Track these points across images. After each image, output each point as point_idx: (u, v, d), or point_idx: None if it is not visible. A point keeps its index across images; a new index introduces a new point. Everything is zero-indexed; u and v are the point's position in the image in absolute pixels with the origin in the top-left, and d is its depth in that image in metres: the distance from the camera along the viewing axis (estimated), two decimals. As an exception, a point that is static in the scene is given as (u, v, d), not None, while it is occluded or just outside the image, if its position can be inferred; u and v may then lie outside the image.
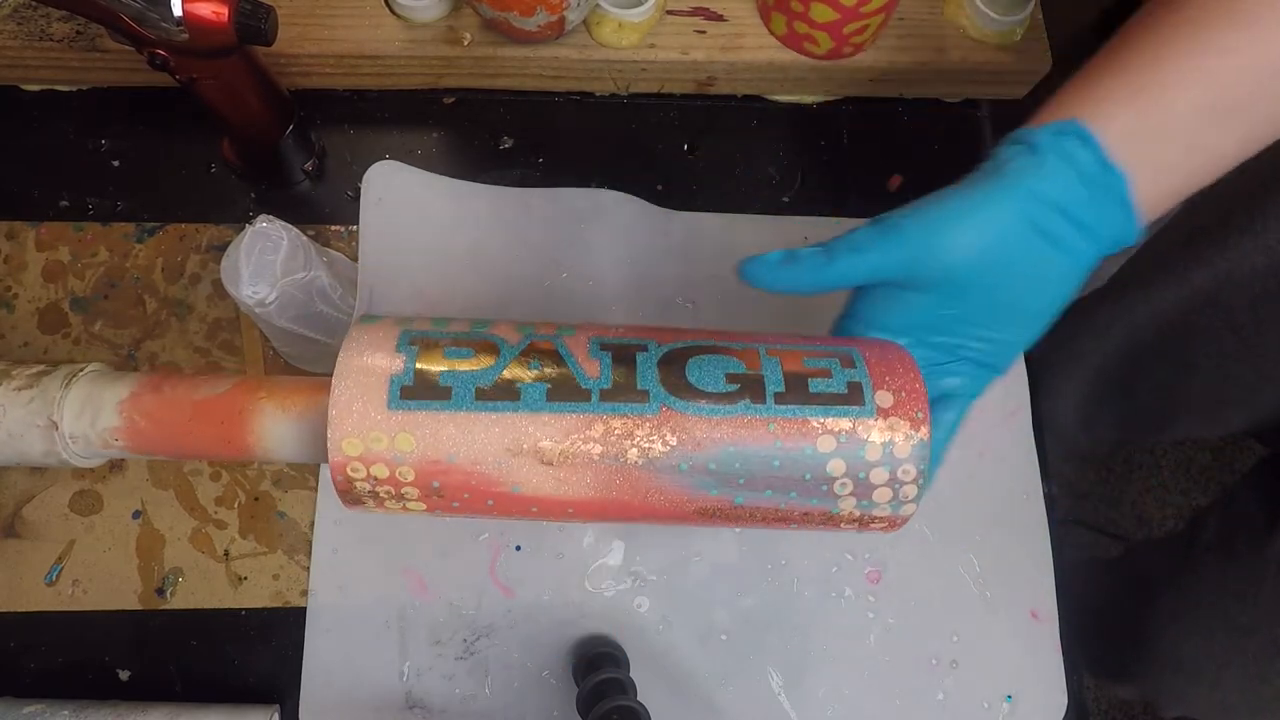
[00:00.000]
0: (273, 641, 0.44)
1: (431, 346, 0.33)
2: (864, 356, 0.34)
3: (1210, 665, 0.57)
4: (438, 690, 0.43)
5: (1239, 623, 0.54)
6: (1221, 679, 0.57)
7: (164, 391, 0.36)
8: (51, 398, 0.36)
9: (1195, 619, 0.58)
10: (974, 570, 0.48)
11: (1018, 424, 0.50)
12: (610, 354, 0.33)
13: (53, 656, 0.43)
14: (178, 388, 0.36)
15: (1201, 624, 0.57)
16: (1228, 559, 0.56)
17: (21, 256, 0.49)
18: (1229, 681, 0.56)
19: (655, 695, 0.40)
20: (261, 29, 0.40)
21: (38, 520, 0.45)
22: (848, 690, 0.45)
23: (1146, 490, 1.09)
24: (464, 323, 0.34)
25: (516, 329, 0.33)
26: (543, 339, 0.33)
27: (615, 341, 0.33)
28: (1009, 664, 0.46)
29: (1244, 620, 0.53)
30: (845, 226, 0.53)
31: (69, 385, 0.36)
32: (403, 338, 0.33)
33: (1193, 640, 0.58)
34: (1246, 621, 0.53)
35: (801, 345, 0.34)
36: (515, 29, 0.48)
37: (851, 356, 0.34)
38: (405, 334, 0.33)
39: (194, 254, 0.50)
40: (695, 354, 0.33)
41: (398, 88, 0.54)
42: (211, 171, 0.51)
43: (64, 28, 0.49)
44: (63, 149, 0.51)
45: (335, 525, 0.45)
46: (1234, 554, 0.55)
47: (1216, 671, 0.57)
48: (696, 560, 0.46)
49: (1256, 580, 0.52)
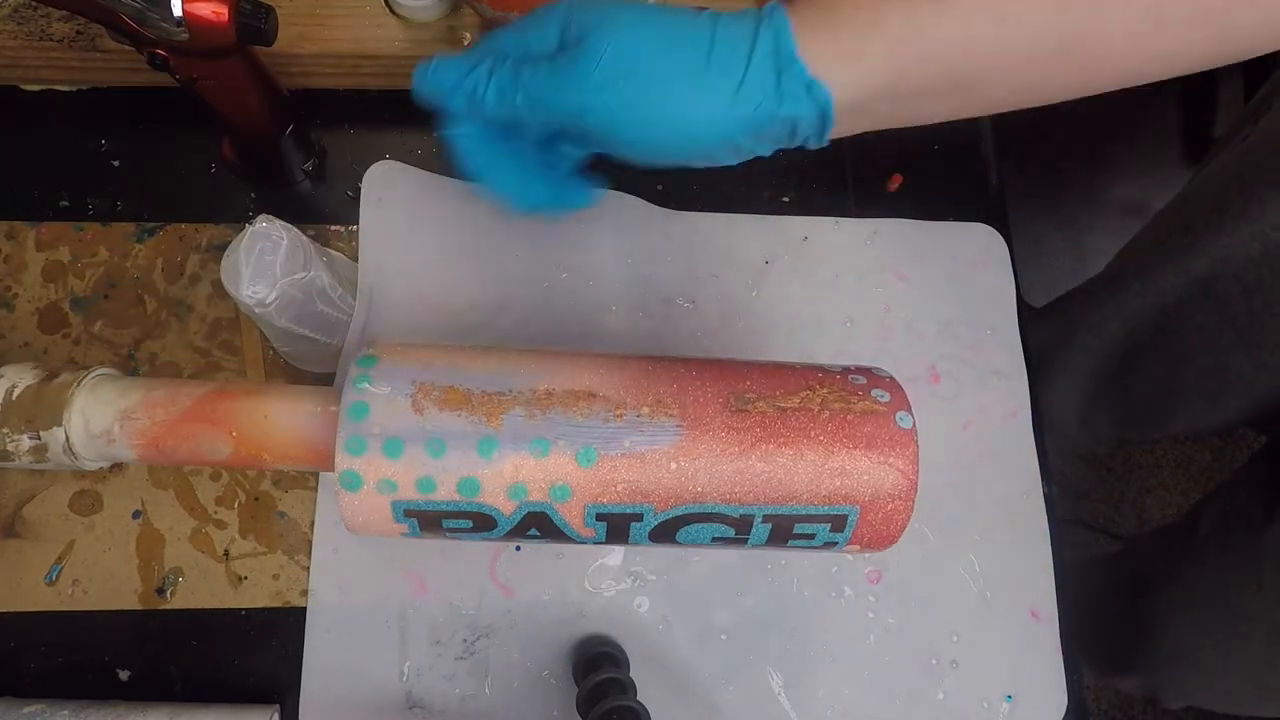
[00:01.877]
0: (273, 641, 0.44)
1: (432, 524, 0.34)
2: (859, 519, 0.34)
3: (1212, 655, 0.57)
4: (438, 690, 0.43)
5: (1240, 612, 0.54)
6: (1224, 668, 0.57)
7: (174, 400, 0.36)
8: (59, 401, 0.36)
9: (1196, 610, 0.58)
10: (974, 570, 0.48)
11: (1018, 424, 0.50)
12: (605, 525, 0.34)
13: (52, 656, 0.43)
14: (181, 394, 0.37)
15: (1202, 614, 0.57)
16: (1227, 549, 0.56)
17: (21, 256, 0.49)
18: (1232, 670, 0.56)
19: (655, 695, 0.40)
20: (262, 29, 0.40)
21: (37, 520, 0.45)
22: (848, 690, 0.45)
23: (1146, 490, 1.09)
24: (451, 484, 0.33)
25: (507, 493, 0.33)
26: (537, 508, 0.34)
27: (611, 511, 0.34)
28: (1009, 664, 0.46)
29: (1245, 609, 0.53)
30: (845, 226, 0.53)
31: (76, 389, 0.36)
32: (396, 508, 0.34)
33: (1194, 631, 0.58)
34: (1247, 610, 0.53)
35: (801, 509, 0.34)
36: (515, 29, 0.48)
37: (845, 520, 0.34)
38: (398, 505, 0.34)
39: (194, 254, 0.50)
40: (689, 522, 0.34)
41: (398, 88, 0.53)
42: (211, 171, 0.51)
43: (64, 28, 0.49)
44: (62, 149, 0.51)
45: (335, 525, 0.45)
46: (1233, 543, 0.55)
47: (1219, 661, 0.57)
48: (696, 560, 0.46)
49: (1256, 569, 0.52)
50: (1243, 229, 0.50)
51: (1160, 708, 0.97)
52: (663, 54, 0.31)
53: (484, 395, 0.33)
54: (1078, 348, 0.68)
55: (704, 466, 0.33)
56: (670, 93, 0.31)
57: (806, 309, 0.51)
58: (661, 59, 0.31)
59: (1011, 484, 0.49)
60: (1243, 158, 0.53)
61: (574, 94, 0.32)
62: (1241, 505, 0.56)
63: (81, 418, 0.36)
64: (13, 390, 0.37)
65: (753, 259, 0.52)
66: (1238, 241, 0.51)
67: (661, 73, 0.31)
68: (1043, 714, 0.46)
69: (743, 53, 0.31)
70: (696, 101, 0.31)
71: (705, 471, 0.33)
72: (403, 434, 0.32)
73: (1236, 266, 0.51)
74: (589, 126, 0.33)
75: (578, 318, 0.49)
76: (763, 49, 0.30)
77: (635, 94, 0.32)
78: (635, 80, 0.31)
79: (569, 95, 0.33)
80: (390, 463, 0.33)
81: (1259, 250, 0.50)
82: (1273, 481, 0.54)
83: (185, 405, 0.36)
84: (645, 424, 0.33)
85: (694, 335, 0.50)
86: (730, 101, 0.31)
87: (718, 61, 0.31)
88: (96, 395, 0.37)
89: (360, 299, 0.46)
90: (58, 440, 0.36)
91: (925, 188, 0.55)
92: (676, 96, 0.31)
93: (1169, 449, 1.11)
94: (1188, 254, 0.55)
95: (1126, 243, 0.70)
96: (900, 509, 0.34)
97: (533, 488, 0.33)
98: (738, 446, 0.33)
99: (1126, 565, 0.73)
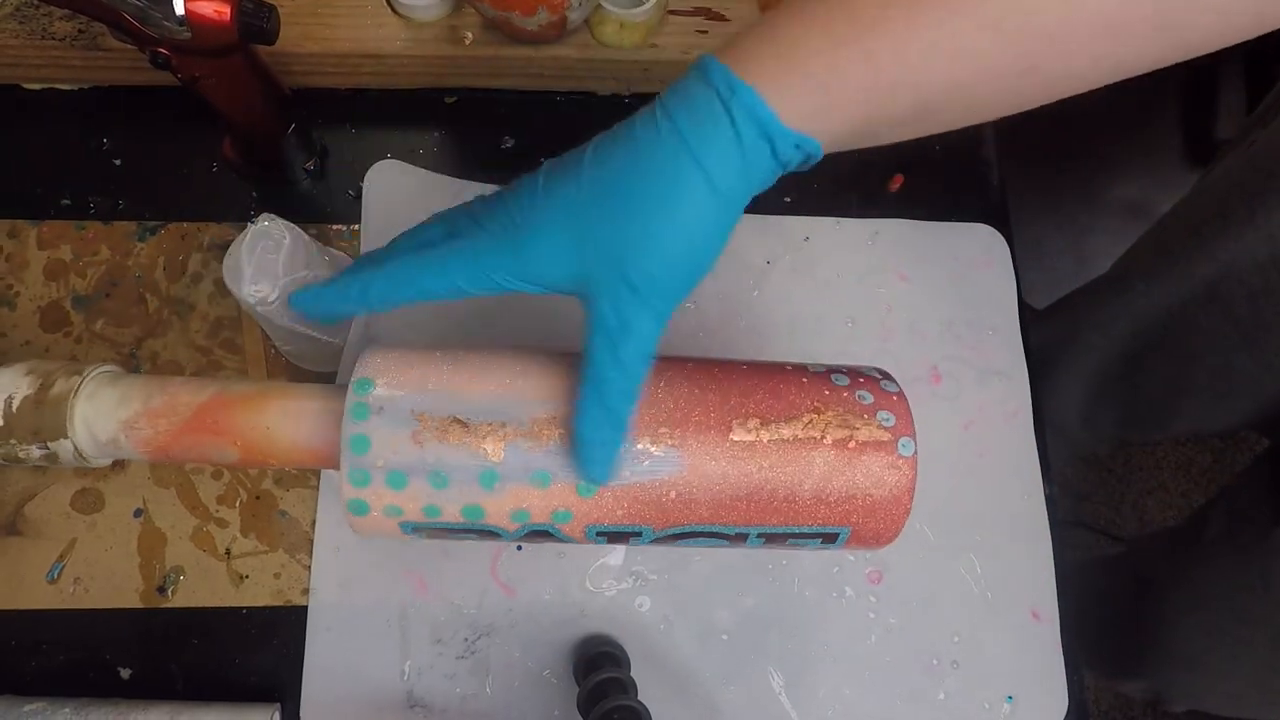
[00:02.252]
0: (274, 640, 0.44)
1: (438, 534, 0.35)
2: (850, 536, 0.35)
3: (1217, 658, 0.57)
4: (439, 689, 0.43)
5: (1244, 615, 0.54)
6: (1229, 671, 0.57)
7: (174, 409, 0.36)
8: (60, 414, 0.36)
9: (1201, 612, 0.58)
10: (975, 570, 0.48)
11: (1018, 424, 0.50)
12: (606, 538, 0.35)
13: (54, 654, 0.43)
14: (179, 403, 0.37)
15: (1207, 617, 0.57)
16: (1233, 551, 0.56)
17: (23, 255, 0.49)
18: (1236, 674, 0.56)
19: (655, 695, 0.40)
20: (264, 28, 0.40)
21: (39, 518, 0.45)
22: (848, 690, 0.45)
23: (1148, 492, 1.09)
24: (455, 510, 0.33)
25: (510, 516, 0.34)
26: (540, 527, 0.34)
27: (611, 529, 0.34)
28: (1010, 664, 0.46)
29: (1249, 612, 0.53)
30: (847, 226, 0.53)
31: (74, 400, 0.36)
32: (403, 527, 0.34)
33: (1199, 634, 0.58)
34: (1252, 613, 0.53)
35: (795, 529, 0.35)
36: (517, 28, 0.48)
37: (836, 537, 0.35)
38: (405, 525, 0.34)
39: (196, 253, 0.50)
40: (687, 537, 0.35)
41: (399, 87, 0.54)
42: (213, 170, 0.51)
43: (66, 26, 0.49)
44: (65, 147, 0.51)
45: (337, 525, 0.45)
46: (1240, 546, 0.55)
47: (1223, 664, 0.57)
48: (697, 560, 0.46)
49: (1263, 572, 0.53)
50: (1248, 234, 0.51)
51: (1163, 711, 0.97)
52: (675, 211, 0.29)
53: (484, 425, 0.33)
54: (1083, 347, 0.68)
55: (703, 496, 0.33)
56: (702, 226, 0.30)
57: (808, 309, 0.51)
58: (675, 214, 0.29)
59: (1012, 484, 0.49)
60: (1249, 163, 0.53)
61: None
62: (1246, 508, 0.56)
63: (86, 427, 0.36)
64: (11, 402, 0.36)
65: (754, 259, 0.52)
66: (1243, 246, 0.51)
67: (685, 233, 0.29)
68: (1043, 714, 0.46)
69: (734, 159, 0.29)
70: (726, 216, 0.30)
71: (704, 500, 0.34)
72: (405, 467, 0.33)
73: (1242, 270, 0.52)
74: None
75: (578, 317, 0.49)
76: (749, 137, 0.29)
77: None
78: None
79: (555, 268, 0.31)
80: (395, 493, 0.33)
81: (1265, 254, 0.50)
82: (1276, 485, 0.54)
83: (186, 416, 0.36)
84: (645, 455, 0.33)
85: (695, 335, 0.50)
86: (741, 199, 0.30)
87: (722, 182, 0.29)
88: (96, 405, 0.36)
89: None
90: (67, 450, 0.36)
91: (927, 188, 0.55)
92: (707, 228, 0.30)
93: (1170, 451, 1.11)
94: (1193, 257, 0.55)
95: (1132, 244, 0.70)
96: (889, 529, 0.35)
97: (535, 513, 0.34)
98: (737, 476, 0.33)
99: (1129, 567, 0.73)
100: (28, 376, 0.37)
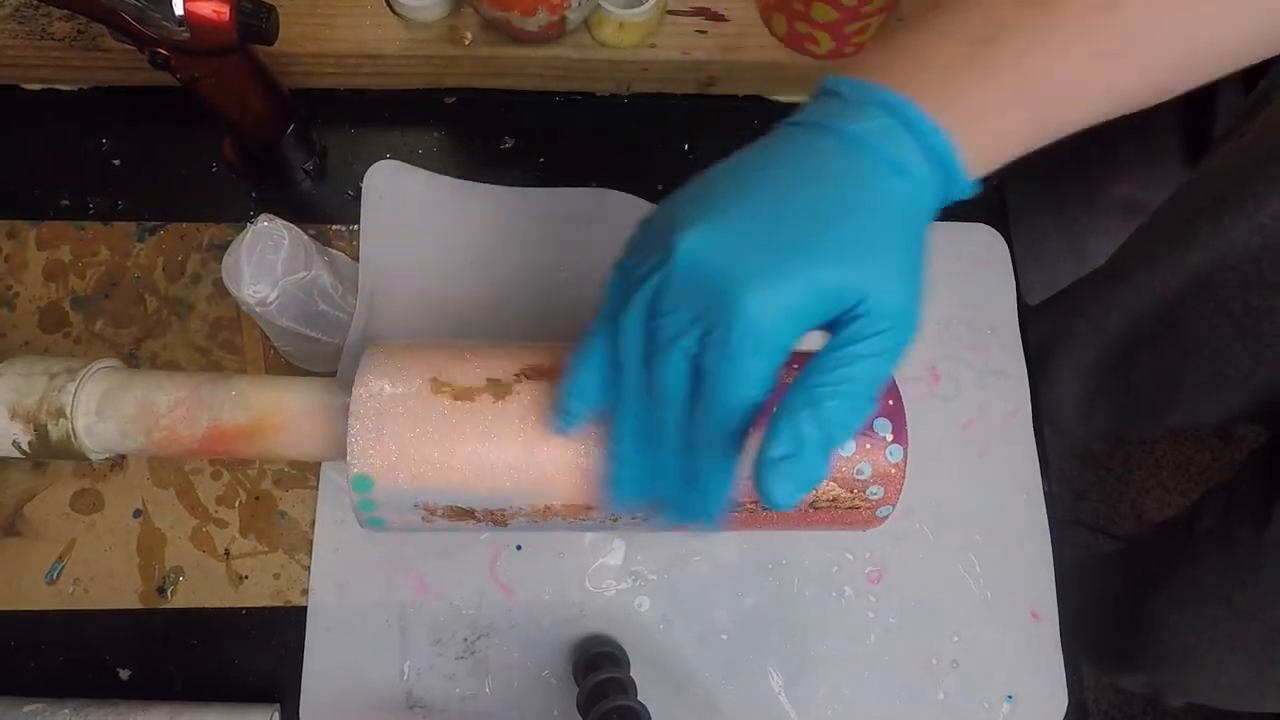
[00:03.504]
0: (273, 640, 0.44)
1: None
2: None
3: (1214, 651, 0.57)
4: (438, 689, 0.43)
5: (1241, 608, 0.54)
6: (1225, 665, 0.57)
7: (176, 440, 0.37)
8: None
9: (1197, 606, 0.58)
10: (974, 570, 0.48)
11: (1018, 424, 0.50)
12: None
13: (53, 655, 0.43)
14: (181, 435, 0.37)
15: (1204, 611, 0.57)
16: (1228, 544, 0.56)
17: (22, 255, 0.49)
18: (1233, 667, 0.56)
19: (655, 695, 0.40)
20: (263, 28, 0.40)
21: (38, 519, 0.45)
22: (848, 690, 0.45)
23: (1145, 491, 1.09)
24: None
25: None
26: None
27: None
28: (1009, 664, 0.46)
29: (1245, 605, 0.53)
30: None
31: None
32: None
33: (1195, 627, 0.58)
34: (1248, 606, 0.53)
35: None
36: (516, 29, 0.48)
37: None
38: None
39: (195, 253, 0.50)
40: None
41: (399, 87, 0.54)
42: (213, 171, 0.51)
43: (65, 27, 0.49)
44: (64, 148, 0.51)
45: (336, 525, 0.45)
46: (1233, 539, 0.55)
47: (1220, 657, 0.57)
48: (697, 560, 0.46)
49: (1256, 565, 0.53)
50: (1240, 223, 0.51)
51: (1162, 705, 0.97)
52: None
53: (487, 512, 0.35)
54: (1079, 340, 0.68)
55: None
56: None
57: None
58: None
59: (1011, 483, 0.49)
60: (1241, 153, 0.53)
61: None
62: (1242, 501, 0.56)
63: (92, 439, 0.37)
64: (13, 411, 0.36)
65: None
66: (1236, 235, 0.51)
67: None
68: (1043, 714, 0.46)
69: (927, 203, 0.29)
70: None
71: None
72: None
73: (1235, 260, 0.52)
74: None
75: (578, 317, 0.49)
76: (925, 171, 0.28)
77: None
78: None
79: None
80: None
81: (1257, 244, 0.50)
82: (1273, 477, 0.54)
83: (191, 448, 0.37)
84: (640, 524, 0.36)
85: (694, 335, 0.50)
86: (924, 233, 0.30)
87: (904, 227, 0.29)
88: (96, 438, 0.37)
89: (361, 298, 0.46)
90: (74, 458, 0.37)
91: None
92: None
93: (1168, 450, 1.11)
94: (1187, 248, 0.55)
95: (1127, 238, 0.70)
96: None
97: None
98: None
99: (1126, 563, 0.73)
100: (19, 383, 0.37)
